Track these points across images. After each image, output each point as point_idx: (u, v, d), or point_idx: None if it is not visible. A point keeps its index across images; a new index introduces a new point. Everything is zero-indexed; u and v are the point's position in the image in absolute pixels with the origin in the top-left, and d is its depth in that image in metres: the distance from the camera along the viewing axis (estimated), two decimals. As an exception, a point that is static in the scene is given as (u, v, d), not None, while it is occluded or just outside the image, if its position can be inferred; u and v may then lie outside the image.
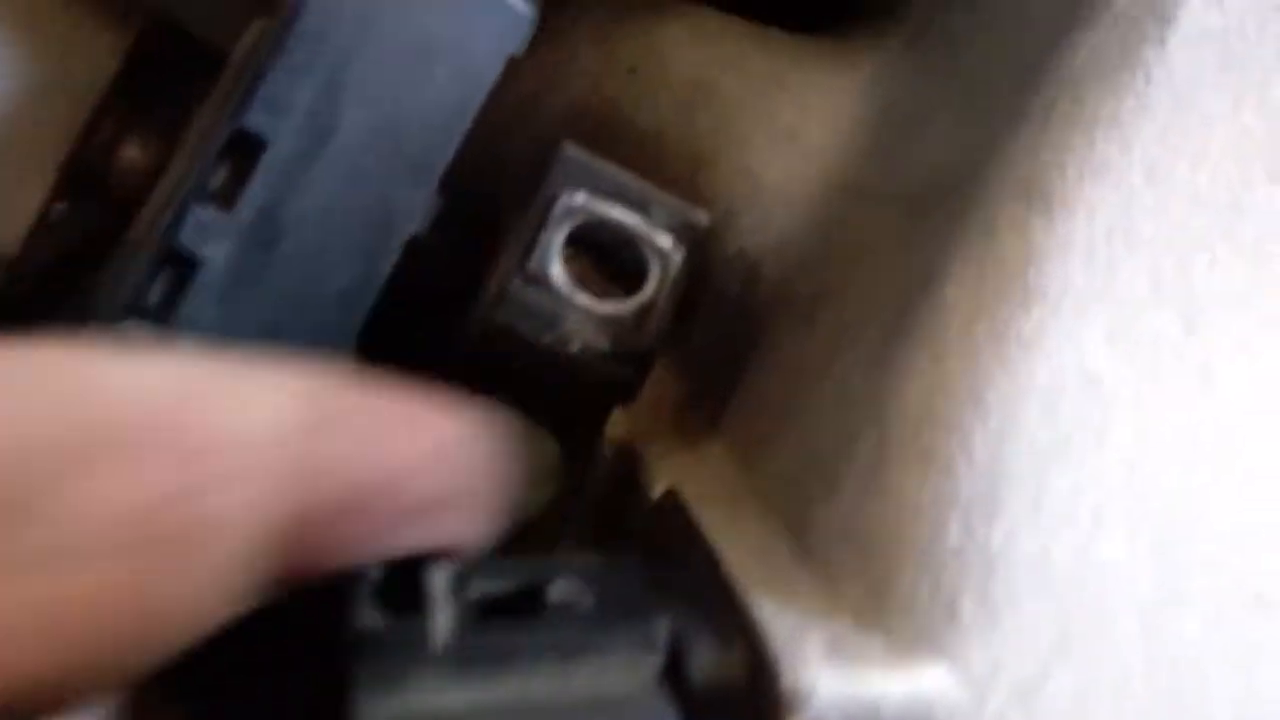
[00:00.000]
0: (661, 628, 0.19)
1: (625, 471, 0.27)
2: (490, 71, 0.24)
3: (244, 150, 0.22)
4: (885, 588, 0.19)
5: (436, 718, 0.17)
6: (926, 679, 0.18)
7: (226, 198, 0.21)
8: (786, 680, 0.18)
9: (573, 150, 0.24)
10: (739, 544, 0.21)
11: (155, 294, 0.20)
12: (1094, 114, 0.23)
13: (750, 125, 0.30)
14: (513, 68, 0.28)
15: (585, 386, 0.25)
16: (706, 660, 0.19)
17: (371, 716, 0.17)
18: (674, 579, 0.21)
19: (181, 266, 0.21)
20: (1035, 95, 0.24)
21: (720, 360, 0.28)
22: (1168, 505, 0.20)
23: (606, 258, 0.25)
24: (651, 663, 0.18)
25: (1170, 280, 0.22)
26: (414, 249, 0.24)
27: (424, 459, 0.19)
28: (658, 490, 0.25)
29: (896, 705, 0.18)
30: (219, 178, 0.22)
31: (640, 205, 0.25)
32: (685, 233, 0.25)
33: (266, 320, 0.21)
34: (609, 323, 0.24)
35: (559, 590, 0.19)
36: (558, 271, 0.24)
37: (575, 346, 0.24)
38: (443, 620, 0.18)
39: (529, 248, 0.24)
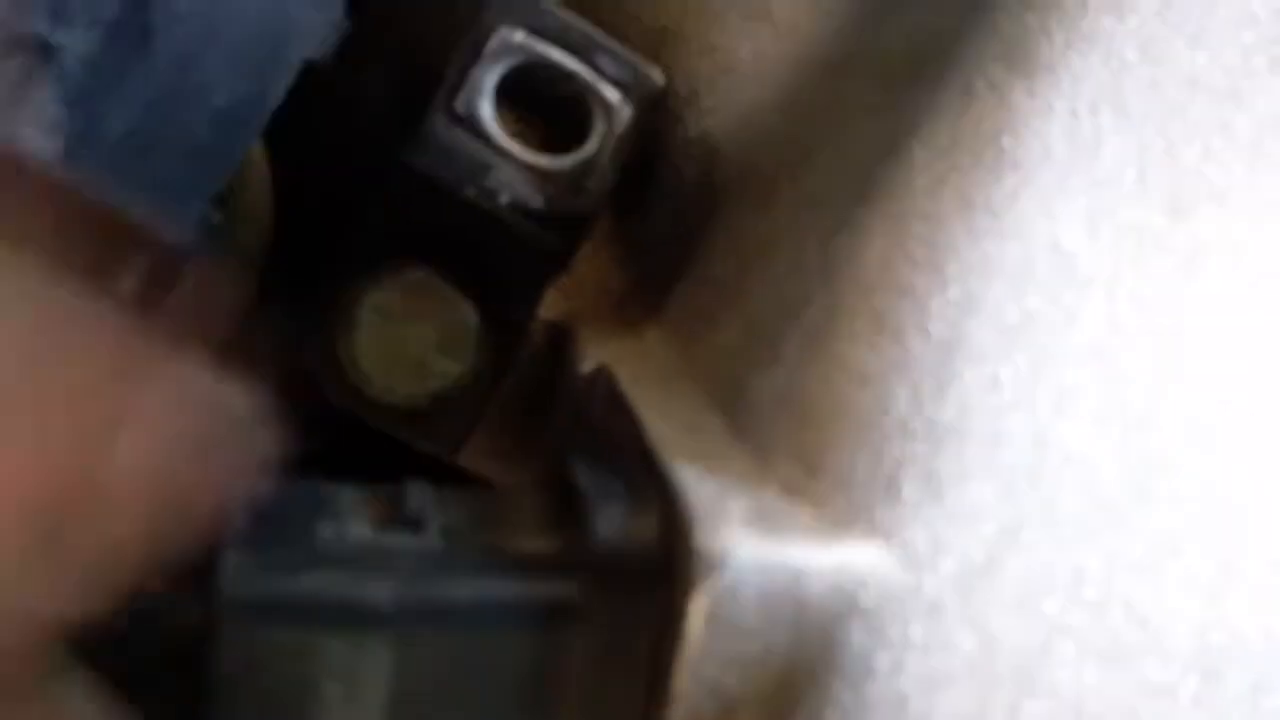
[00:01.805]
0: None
1: (556, 350, 0.25)
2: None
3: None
4: (820, 459, 0.17)
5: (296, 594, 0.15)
6: (858, 555, 0.16)
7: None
8: (700, 542, 0.16)
9: (518, -17, 0.22)
10: (667, 418, 0.19)
11: (2, 82, 0.18)
12: (1085, -12, 0.21)
13: (722, 1, 0.28)
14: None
15: (514, 250, 0.23)
16: (617, 524, 0.17)
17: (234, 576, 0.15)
18: (597, 451, 0.19)
19: (35, 53, 0.18)
20: (1026, -40, 0.22)
21: (671, 247, 0.26)
22: (1138, 398, 0.19)
23: (547, 115, 0.23)
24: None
25: (1159, 166, 0.20)
26: (308, 77, 0.21)
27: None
28: (588, 368, 0.23)
29: (822, 579, 0.16)
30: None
31: (586, 52, 0.22)
32: (636, 89, 0.23)
33: (130, 131, 0.19)
34: (544, 178, 0.22)
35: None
36: (488, 113, 0.22)
37: (503, 200, 0.22)
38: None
39: (457, 85, 0.22)
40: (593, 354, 0.23)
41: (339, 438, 0.23)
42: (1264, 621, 0.18)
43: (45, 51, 0.18)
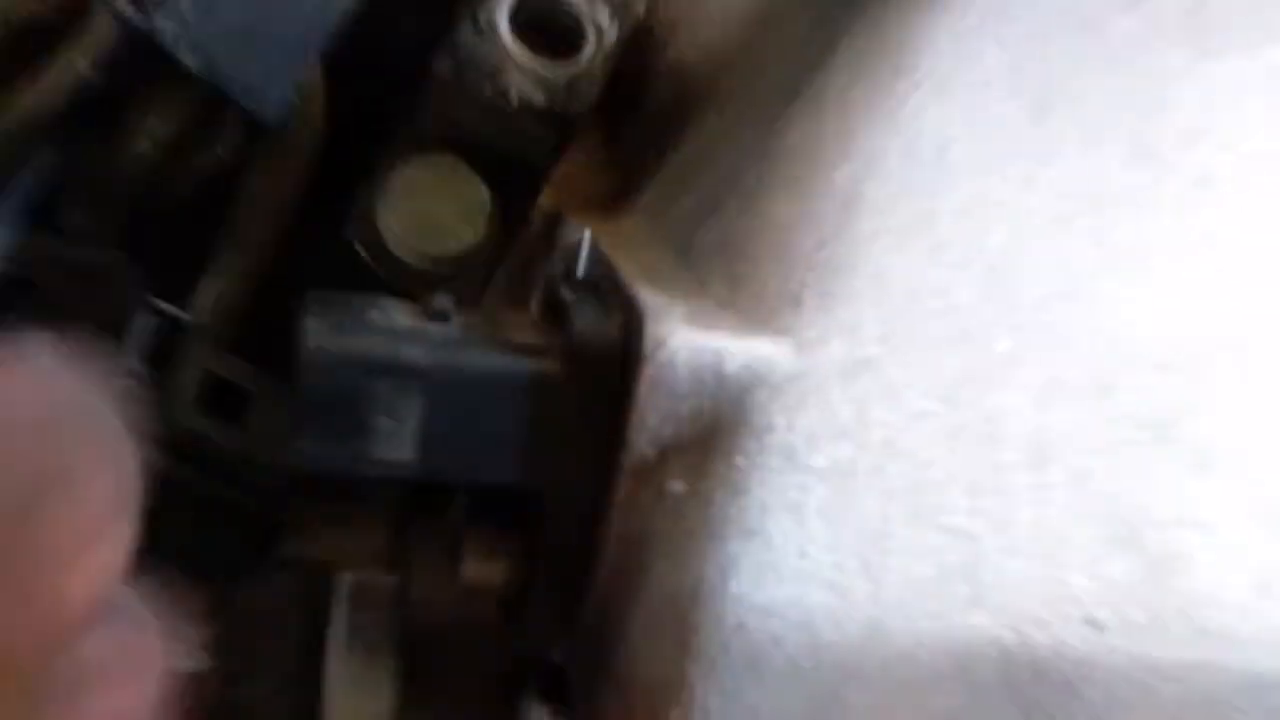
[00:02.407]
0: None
1: (550, 230, 0.31)
2: None
3: None
4: (744, 282, 0.23)
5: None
6: (765, 344, 0.22)
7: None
8: (649, 330, 0.21)
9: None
10: (633, 260, 0.25)
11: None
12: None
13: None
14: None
15: (519, 140, 0.28)
16: (590, 321, 0.22)
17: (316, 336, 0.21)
18: (577, 285, 0.25)
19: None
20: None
21: (646, 153, 0.32)
22: (992, 251, 0.24)
23: (553, 38, 0.29)
24: None
25: (1028, 75, 0.26)
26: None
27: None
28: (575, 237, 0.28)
29: (736, 359, 0.22)
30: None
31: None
32: (622, 13, 0.28)
33: (239, 17, 0.25)
34: (546, 82, 0.28)
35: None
36: (504, 26, 0.27)
37: (513, 98, 0.28)
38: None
39: (484, 1, 0.27)
40: (579, 229, 0.29)
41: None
42: (1080, 425, 0.24)
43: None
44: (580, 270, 0.26)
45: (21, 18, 0.27)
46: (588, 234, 0.27)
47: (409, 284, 0.30)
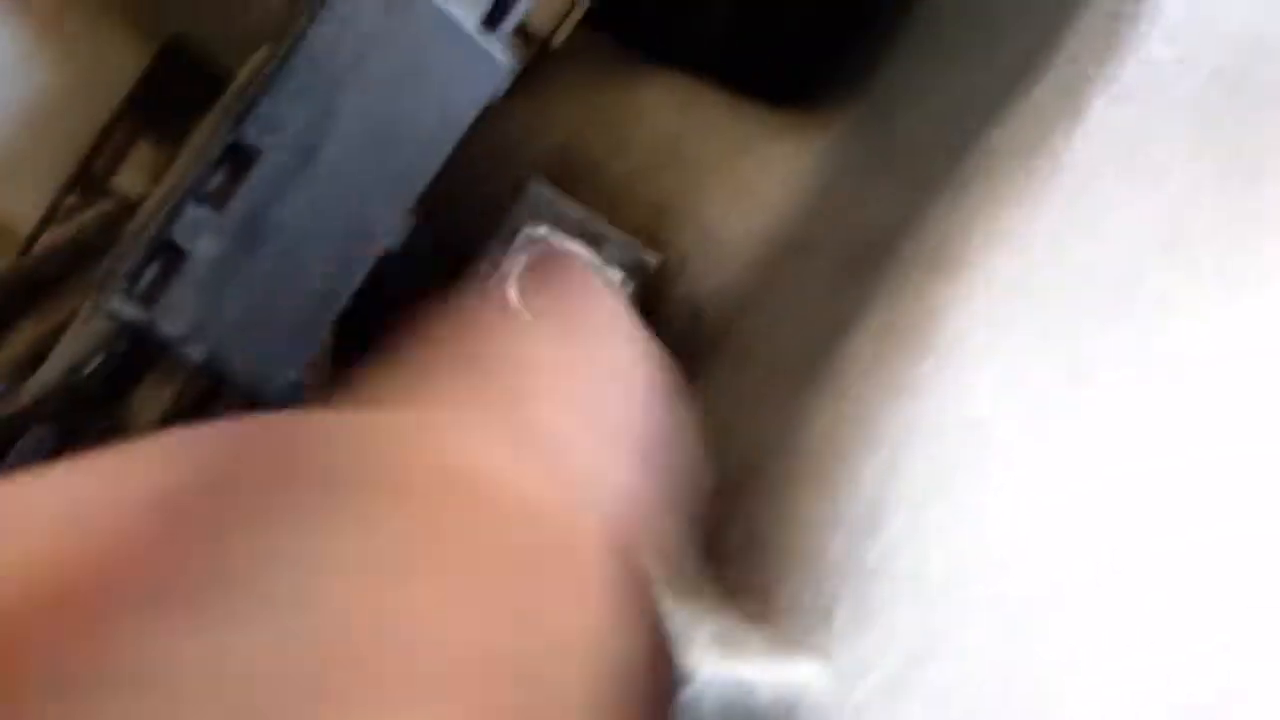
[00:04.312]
0: None
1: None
2: (470, 111, 0.27)
3: (238, 160, 0.24)
4: (772, 593, 0.22)
5: None
6: (798, 671, 0.21)
7: (219, 200, 0.24)
8: (676, 659, 0.20)
9: (539, 186, 0.27)
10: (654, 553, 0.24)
11: (146, 279, 0.23)
12: (1003, 191, 0.25)
13: (713, 182, 0.33)
14: (500, 113, 0.31)
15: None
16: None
17: None
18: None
19: (172, 256, 0.23)
20: (954, 172, 0.26)
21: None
22: (1040, 541, 0.23)
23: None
24: None
25: (1060, 339, 0.25)
26: (386, 260, 0.26)
27: None
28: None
29: (769, 690, 0.20)
30: (214, 182, 0.24)
31: (596, 241, 0.27)
32: (635, 269, 0.28)
33: (244, 311, 0.24)
34: (558, 344, 0.27)
35: None
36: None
37: (525, 363, 0.27)
38: None
39: (490, 272, 0.26)
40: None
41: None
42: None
43: (180, 255, 0.23)
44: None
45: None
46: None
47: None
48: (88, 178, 0.29)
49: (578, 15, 0.34)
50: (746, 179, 0.33)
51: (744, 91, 0.35)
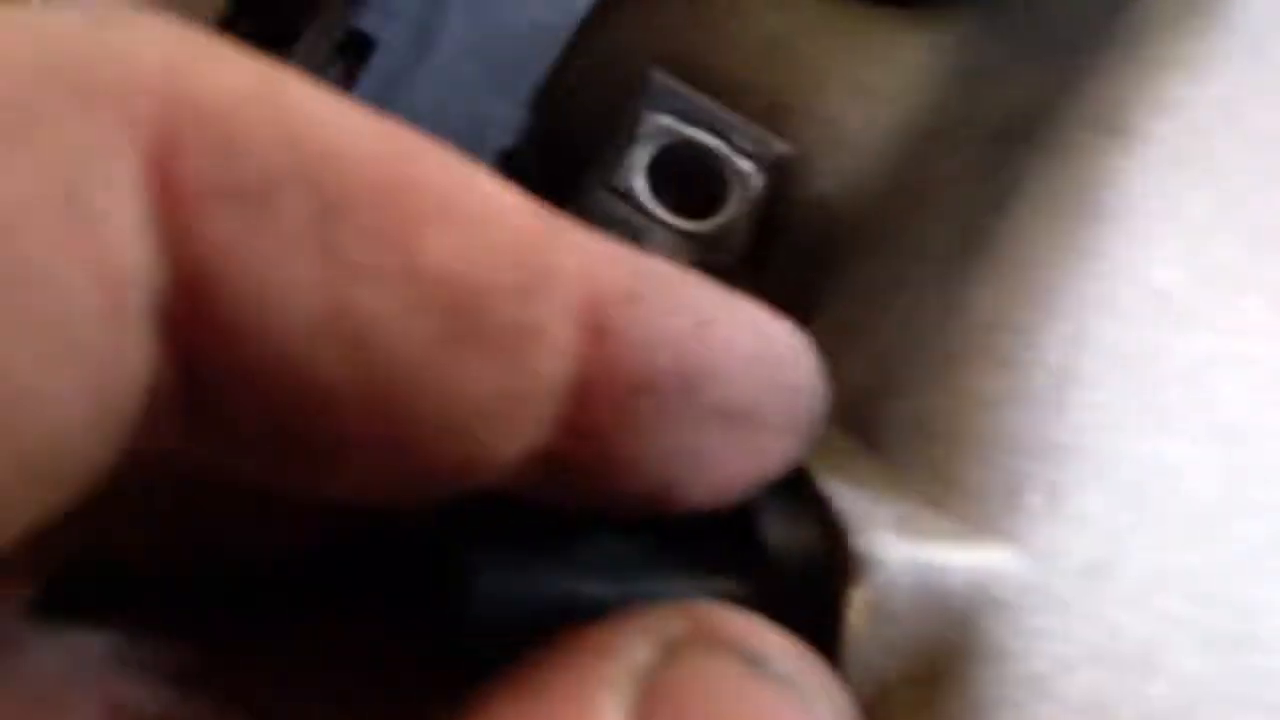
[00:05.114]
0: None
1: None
2: (578, 4, 0.25)
3: (356, 49, 0.23)
4: (951, 475, 0.20)
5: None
6: (990, 556, 0.19)
7: (339, 89, 0.23)
8: (858, 547, 0.18)
9: (661, 76, 0.26)
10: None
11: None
12: (1167, 56, 0.24)
13: (827, 79, 0.31)
14: (609, 19, 0.29)
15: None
16: (780, 530, 0.20)
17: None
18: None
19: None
20: (1112, 42, 0.25)
21: (792, 296, 0.29)
22: (1230, 417, 0.21)
23: (690, 185, 0.26)
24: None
25: (1239, 208, 0.23)
26: (506, 162, 0.25)
27: (745, 355, 0.17)
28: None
29: (961, 576, 0.19)
30: (332, 75, 0.23)
31: (723, 130, 0.26)
32: (765, 158, 0.26)
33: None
34: (690, 239, 0.25)
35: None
36: (641, 185, 0.25)
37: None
38: None
39: (615, 164, 0.25)
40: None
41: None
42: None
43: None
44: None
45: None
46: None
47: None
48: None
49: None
50: (862, 74, 0.31)
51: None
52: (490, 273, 0.14)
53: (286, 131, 0.13)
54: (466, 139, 0.26)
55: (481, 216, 0.15)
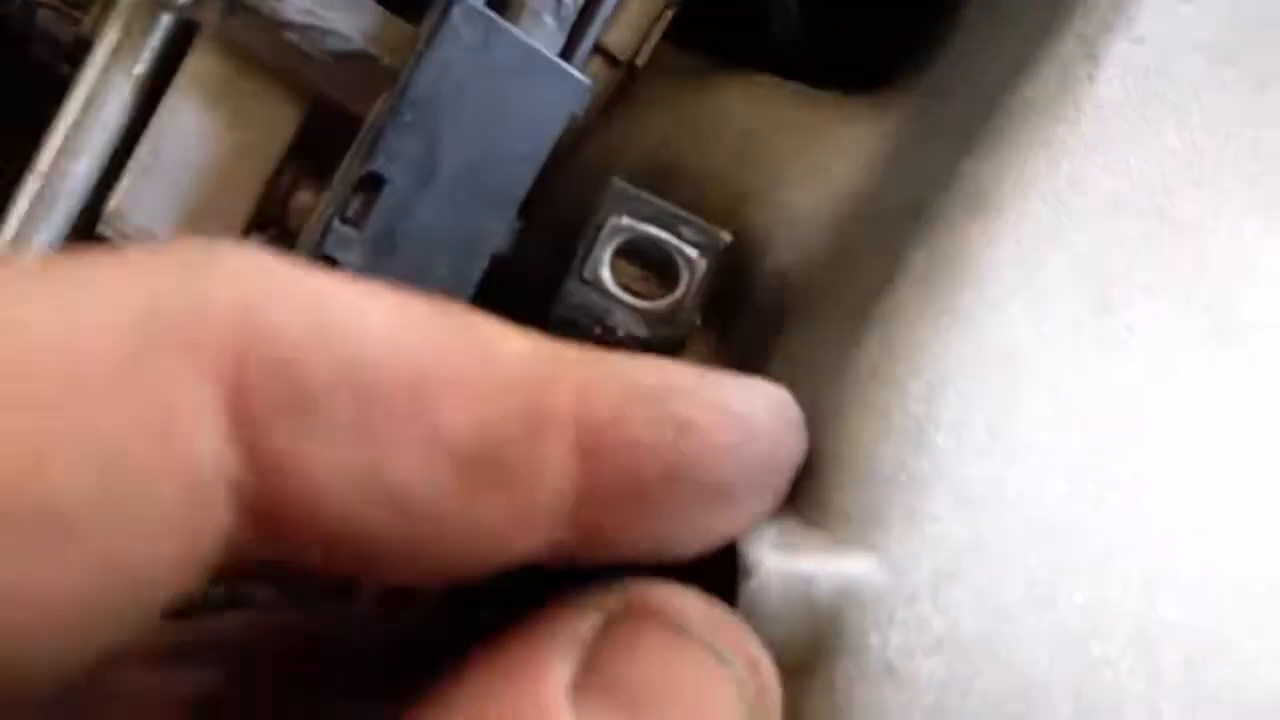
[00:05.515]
0: None
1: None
2: (556, 125, 0.31)
3: (370, 186, 0.29)
4: (828, 501, 0.25)
5: None
6: (854, 564, 0.24)
7: (358, 220, 0.29)
8: (741, 556, 0.24)
9: (619, 183, 0.31)
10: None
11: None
12: (1030, 138, 0.28)
13: (788, 166, 0.36)
14: (598, 129, 0.35)
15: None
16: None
17: None
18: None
19: (327, 267, 0.29)
20: (989, 128, 0.29)
21: (757, 355, 0.34)
22: (1073, 452, 0.25)
23: (648, 267, 0.32)
24: None
25: (1088, 271, 0.27)
26: (502, 262, 0.31)
27: (723, 446, 0.19)
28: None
29: (827, 581, 0.24)
30: (353, 206, 0.30)
31: (673, 226, 0.31)
32: (709, 247, 0.31)
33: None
34: (647, 316, 0.31)
35: None
36: (607, 276, 0.31)
37: (620, 334, 0.31)
38: None
39: (585, 258, 0.31)
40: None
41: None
42: (1189, 612, 0.24)
43: (333, 265, 0.29)
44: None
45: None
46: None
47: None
48: (262, 219, 0.35)
49: (657, 35, 0.38)
50: (820, 161, 0.36)
51: (818, 84, 0.39)
52: (499, 426, 0.17)
53: (332, 354, 0.16)
54: (465, 248, 0.32)
55: (489, 379, 0.18)
